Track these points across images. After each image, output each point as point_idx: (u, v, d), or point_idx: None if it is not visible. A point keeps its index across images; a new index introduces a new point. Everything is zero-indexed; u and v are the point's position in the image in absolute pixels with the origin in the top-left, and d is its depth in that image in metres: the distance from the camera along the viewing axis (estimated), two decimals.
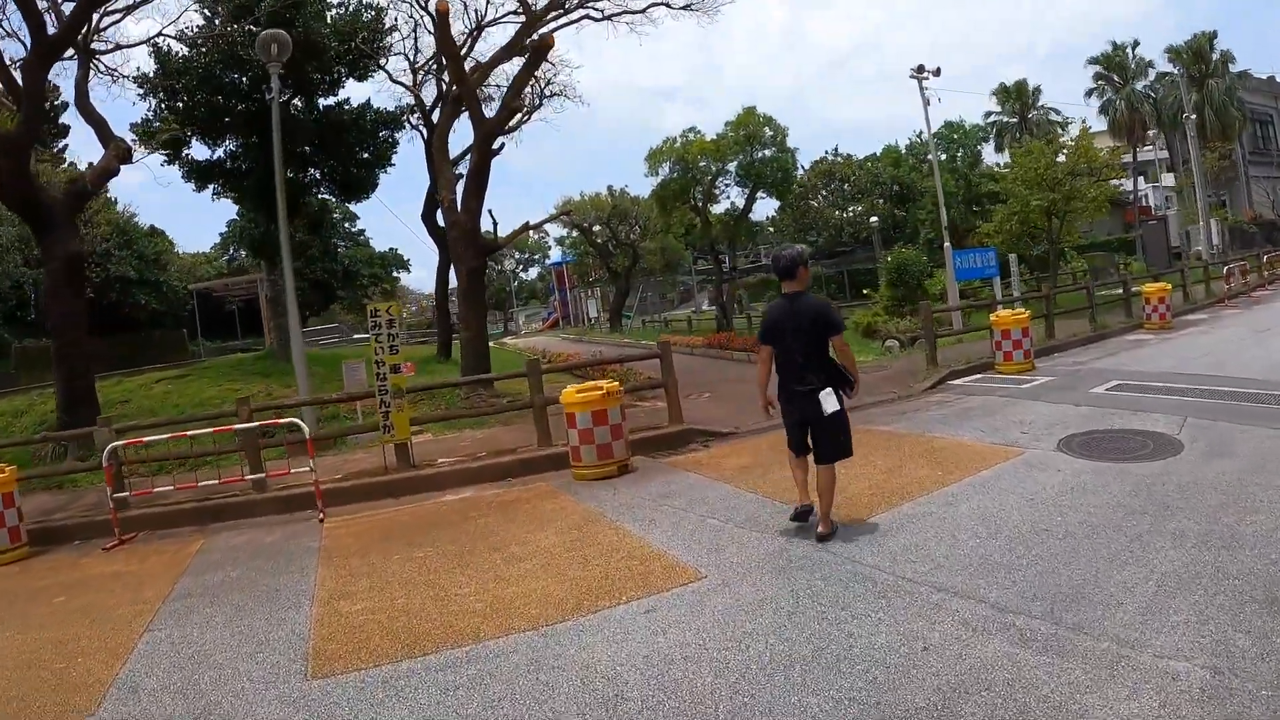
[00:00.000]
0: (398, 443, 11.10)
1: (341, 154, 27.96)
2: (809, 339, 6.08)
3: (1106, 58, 49.97)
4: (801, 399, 6.17)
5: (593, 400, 9.25)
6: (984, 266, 20.53)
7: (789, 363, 6.21)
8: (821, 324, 6.11)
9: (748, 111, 27.10)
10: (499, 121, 17.28)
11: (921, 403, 12.34)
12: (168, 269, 48.42)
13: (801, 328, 6.08)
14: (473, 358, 17.76)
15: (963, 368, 14.60)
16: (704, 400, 14.28)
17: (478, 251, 17.65)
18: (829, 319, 6.21)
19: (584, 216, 38.29)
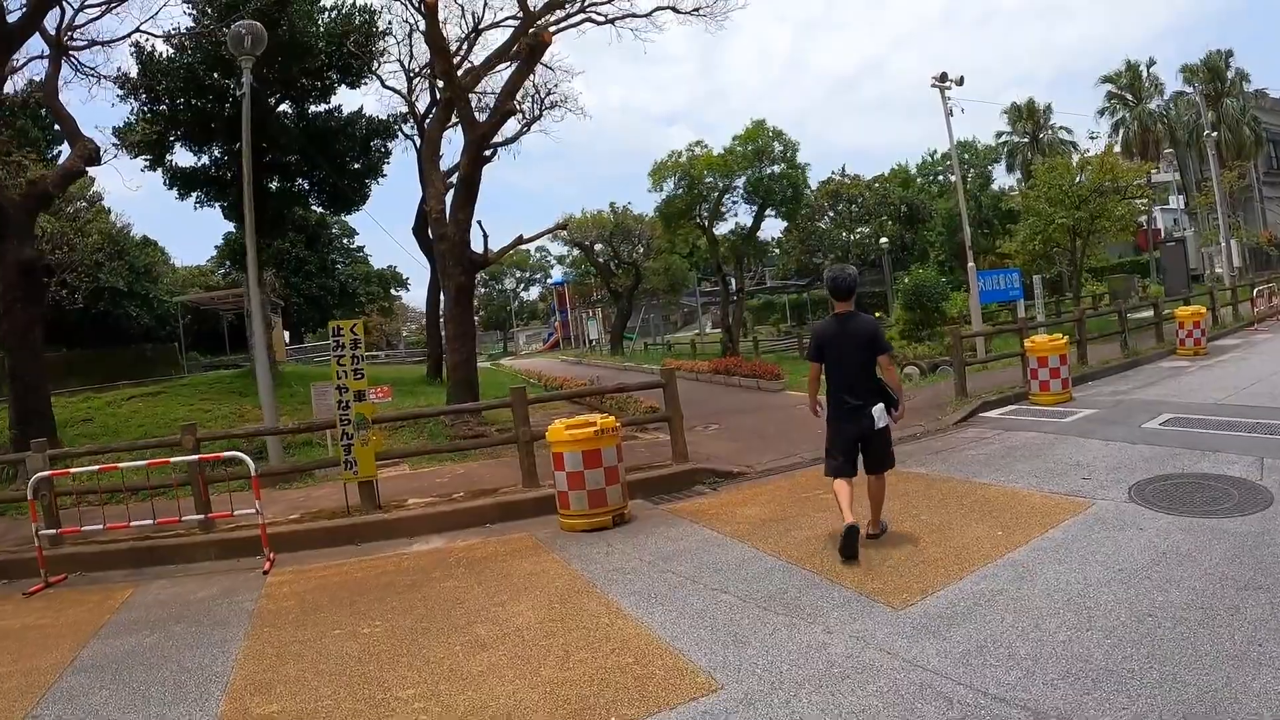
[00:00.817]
0: (362, 481, 9.76)
1: (331, 163, 26.87)
2: (862, 357, 6.29)
3: (1119, 76, 48.86)
4: (854, 413, 6.34)
5: (584, 439, 7.92)
6: (1007, 288, 19.25)
7: (841, 380, 6.38)
8: (874, 344, 6.32)
9: (756, 125, 25.93)
10: (491, 126, 16.06)
11: (955, 439, 11.02)
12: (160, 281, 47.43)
13: (857, 346, 6.29)
14: (460, 383, 16.45)
15: (994, 398, 13.29)
16: (711, 434, 12.94)
17: (466, 267, 16.38)
18: (881, 340, 6.40)
19: (585, 234, 37.07)
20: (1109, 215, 21.53)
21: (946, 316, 21.42)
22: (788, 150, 26.10)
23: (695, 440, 12.19)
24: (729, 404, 16.02)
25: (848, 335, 6.32)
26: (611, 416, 8.45)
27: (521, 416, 9.79)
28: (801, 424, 12.55)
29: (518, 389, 9.98)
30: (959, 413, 12.55)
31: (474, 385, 16.66)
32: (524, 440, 9.59)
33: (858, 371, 6.32)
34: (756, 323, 59.11)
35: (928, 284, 20.86)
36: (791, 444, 11.33)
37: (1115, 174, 21.87)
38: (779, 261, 62.33)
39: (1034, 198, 22.20)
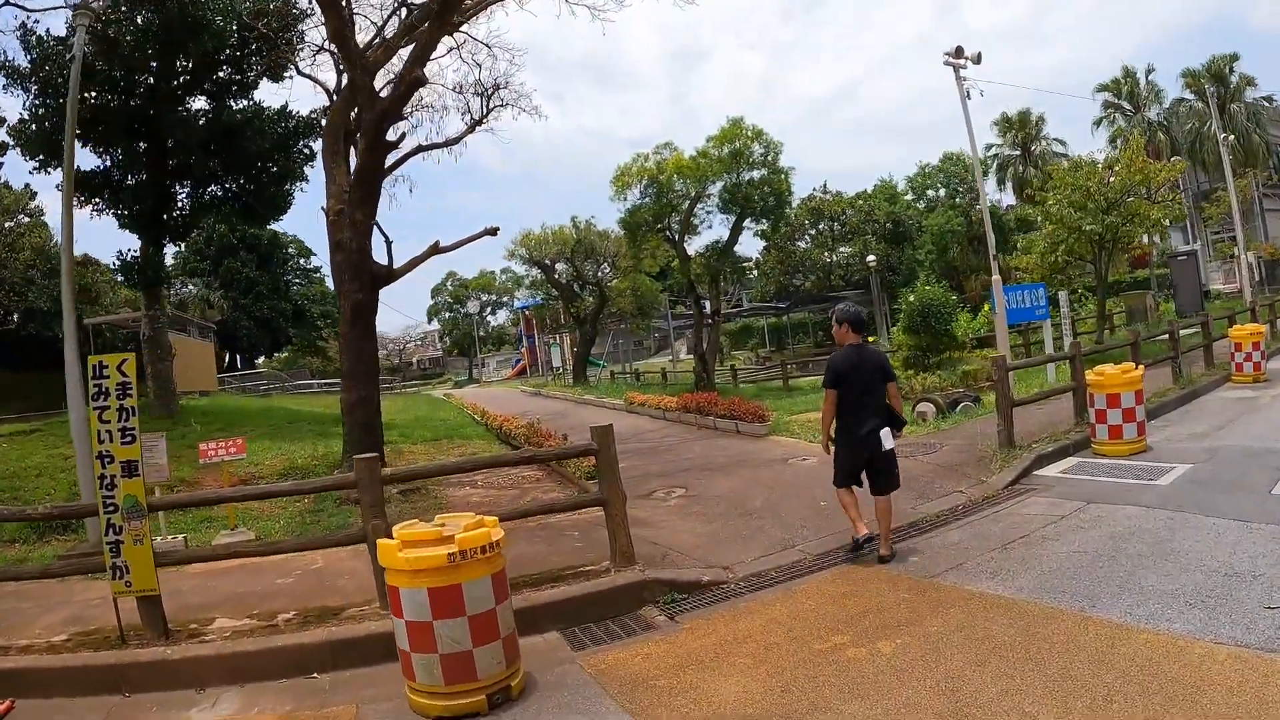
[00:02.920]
0: (138, 596, 6.44)
1: (244, 166, 23.47)
2: (875, 385, 6.94)
3: (1116, 84, 46.43)
4: (867, 437, 6.86)
5: (431, 566, 4.55)
6: (1033, 306, 16.16)
7: (854, 405, 6.93)
8: (884, 373, 7.09)
9: (734, 124, 22.83)
10: (394, 101, 12.81)
11: (1019, 515, 7.85)
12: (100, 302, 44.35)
13: (871, 375, 6.95)
14: (358, 429, 13.11)
15: (1050, 448, 10.08)
16: (674, 504, 9.59)
17: (366, 281, 13.12)
18: (889, 369, 7.23)
19: (544, 252, 33.75)
20: (1141, 220, 18.53)
21: (957, 340, 18.27)
22: (770, 152, 23.04)
23: (650, 516, 8.88)
24: (700, 456, 12.69)
25: (864, 365, 6.96)
26: (492, 519, 5.07)
27: (372, 500, 6.43)
28: (797, 489, 9.29)
29: (366, 460, 6.56)
30: (1009, 470, 9.37)
31: (375, 430, 13.33)
32: (374, 536, 6.18)
33: (872, 398, 6.91)
34: (734, 348, 55.99)
35: (935, 302, 17.72)
36: (786, 525, 8.05)
37: (1146, 174, 18.89)
38: (757, 283, 59.33)
39: (1054, 202, 19.15)
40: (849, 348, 7.08)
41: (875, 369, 7.00)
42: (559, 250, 33.43)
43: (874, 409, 6.91)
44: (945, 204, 49.03)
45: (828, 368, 7.31)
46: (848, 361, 7.00)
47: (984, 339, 22.31)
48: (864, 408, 6.90)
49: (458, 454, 16.26)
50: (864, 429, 6.86)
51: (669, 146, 23.58)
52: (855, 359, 6.98)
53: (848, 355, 7.05)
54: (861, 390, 6.90)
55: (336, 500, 12.15)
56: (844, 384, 6.94)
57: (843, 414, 7.03)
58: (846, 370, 6.95)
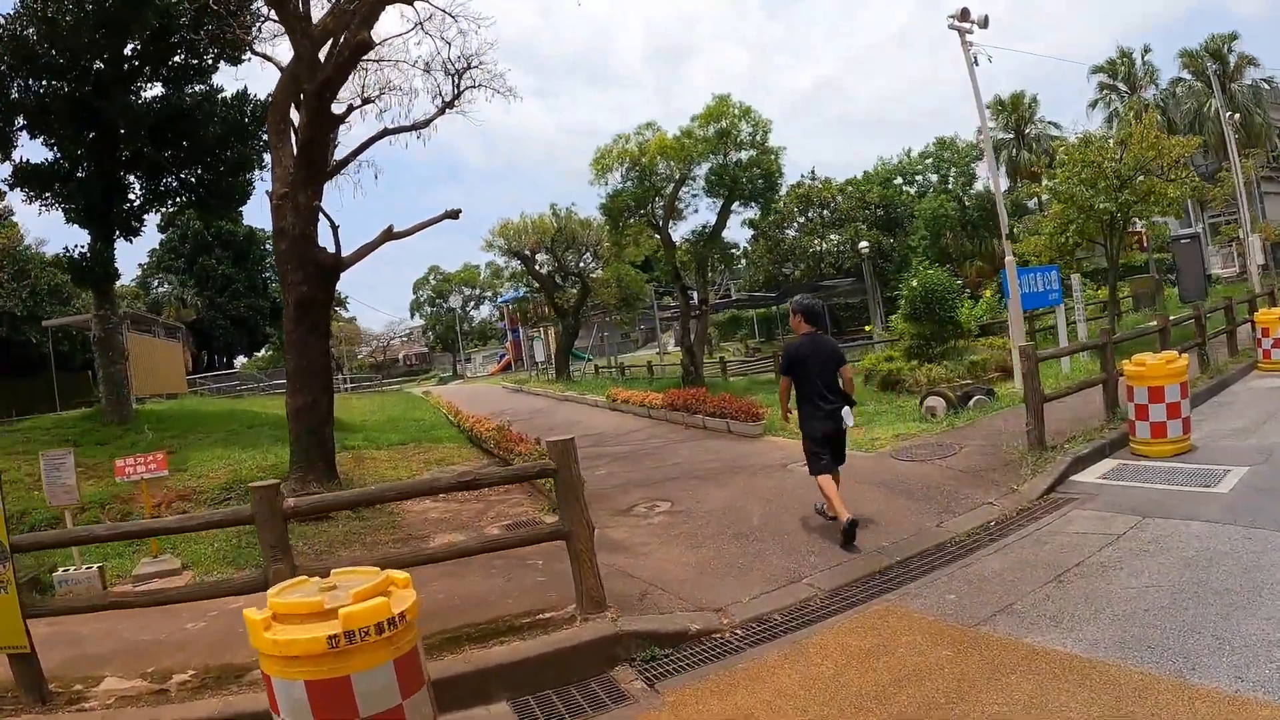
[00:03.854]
0: (7, 653, 5.24)
1: (197, 154, 22.07)
2: (831, 369, 7.46)
3: (1112, 65, 45.35)
4: (829, 416, 7.38)
5: (309, 653, 3.25)
6: (1046, 291, 15.03)
7: (813, 389, 7.46)
8: (838, 358, 7.60)
9: (720, 101, 21.52)
10: (339, 68, 11.48)
11: (1065, 535, 6.71)
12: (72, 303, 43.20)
13: (825, 362, 7.48)
14: (304, 437, 11.86)
15: (1085, 449, 8.90)
16: (657, 522, 8.34)
17: (311, 272, 11.84)
18: (842, 354, 7.74)
19: (522, 242, 32.34)
20: (1157, 198, 17.35)
21: (963, 328, 17.07)
22: (758, 131, 21.74)
23: (629, 538, 7.66)
24: (688, 461, 11.43)
25: (821, 354, 7.52)
26: (404, 576, 3.82)
27: (273, 538, 5.19)
28: (800, 502, 8.09)
29: (264, 490, 5.28)
30: (1043, 477, 8.19)
31: (325, 439, 12.05)
32: (275, 583, 4.89)
33: (828, 381, 7.45)
34: (722, 339, 54.75)
35: (939, 287, 16.51)
36: (790, 549, 6.84)
37: (1160, 149, 17.71)
38: (746, 273, 58.07)
39: (1063, 179, 17.97)
40: (804, 336, 7.66)
41: (829, 356, 7.54)
42: (538, 240, 32.06)
43: (832, 391, 7.44)
44: (938, 189, 47.83)
45: (783, 355, 8.05)
46: (803, 349, 7.56)
47: (985, 327, 21.10)
48: (822, 391, 7.43)
49: (423, 460, 15.04)
50: (826, 408, 7.39)
51: (651, 127, 22.28)
52: (810, 347, 7.53)
53: (803, 343, 7.63)
54: (818, 375, 7.43)
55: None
56: (800, 370, 7.51)
57: (804, 399, 7.57)
58: (802, 357, 7.52)
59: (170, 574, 8.29)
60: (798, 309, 7.81)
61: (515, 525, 9.19)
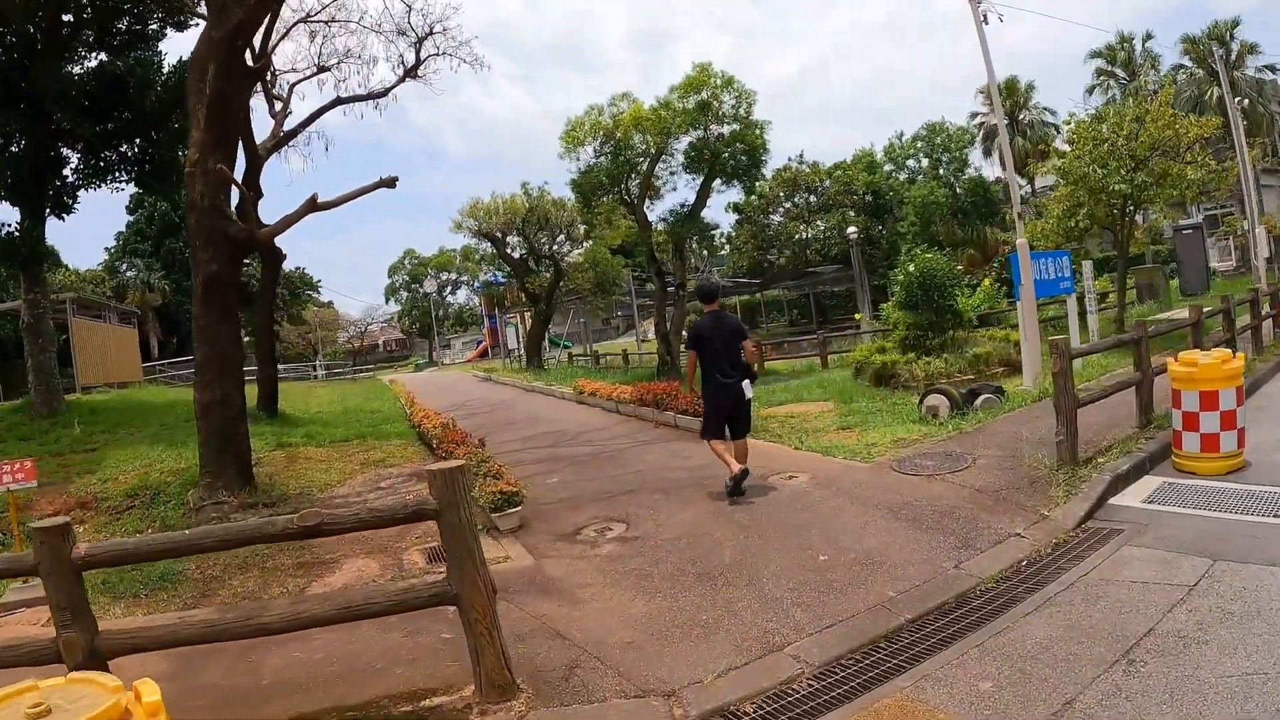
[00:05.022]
0: None
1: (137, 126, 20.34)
2: (732, 344, 8.11)
3: (1111, 50, 44.04)
4: (729, 388, 8.05)
5: None
6: (1058, 278, 13.57)
7: (716, 363, 8.11)
8: (739, 333, 8.29)
9: (701, 70, 19.88)
10: (254, 9, 9.80)
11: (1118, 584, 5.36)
12: None
13: (726, 337, 8.15)
14: (214, 439, 10.30)
15: (1124, 465, 7.44)
16: (605, 554, 6.79)
17: (221, 247, 10.23)
18: (743, 329, 8.49)
19: (492, 223, 30.62)
20: (1174, 181, 15.93)
21: (963, 318, 15.59)
22: (742, 103, 20.12)
23: (568, 576, 6.15)
24: (653, 468, 9.85)
25: (723, 329, 8.24)
26: (150, 685, 2.23)
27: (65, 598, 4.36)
28: (783, 530, 6.61)
29: (47, 531, 3.94)
30: (1078, 500, 6.76)
31: (238, 442, 10.50)
32: (67, 656, 3.32)
33: (730, 356, 8.10)
34: None
35: (938, 273, 15.01)
36: (769, 599, 5.35)
37: (1177, 128, 16.29)
38: (730, 259, 56.57)
39: (1074, 158, 16.51)
40: (708, 315, 8.44)
41: (731, 332, 8.22)
42: (508, 220, 30.38)
43: (733, 364, 8.07)
44: (928, 174, 46.41)
45: (690, 332, 9.01)
46: (706, 327, 8.30)
47: (983, 317, 19.71)
48: (724, 364, 8.05)
49: (361, 460, 13.49)
50: (727, 380, 8.03)
51: (626, 98, 20.61)
52: (711, 324, 8.26)
53: (706, 321, 8.39)
54: (721, 349, 8.08)
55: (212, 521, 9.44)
56: (704, 345, 8.18)
57: (707, 371, 8.18)
58: (705, 334, 8.22)
59: None
60: (698, 292, 8.88)
61: (438, 552, 7.68)
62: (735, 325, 8.45)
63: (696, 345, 8.30)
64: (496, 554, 7.18)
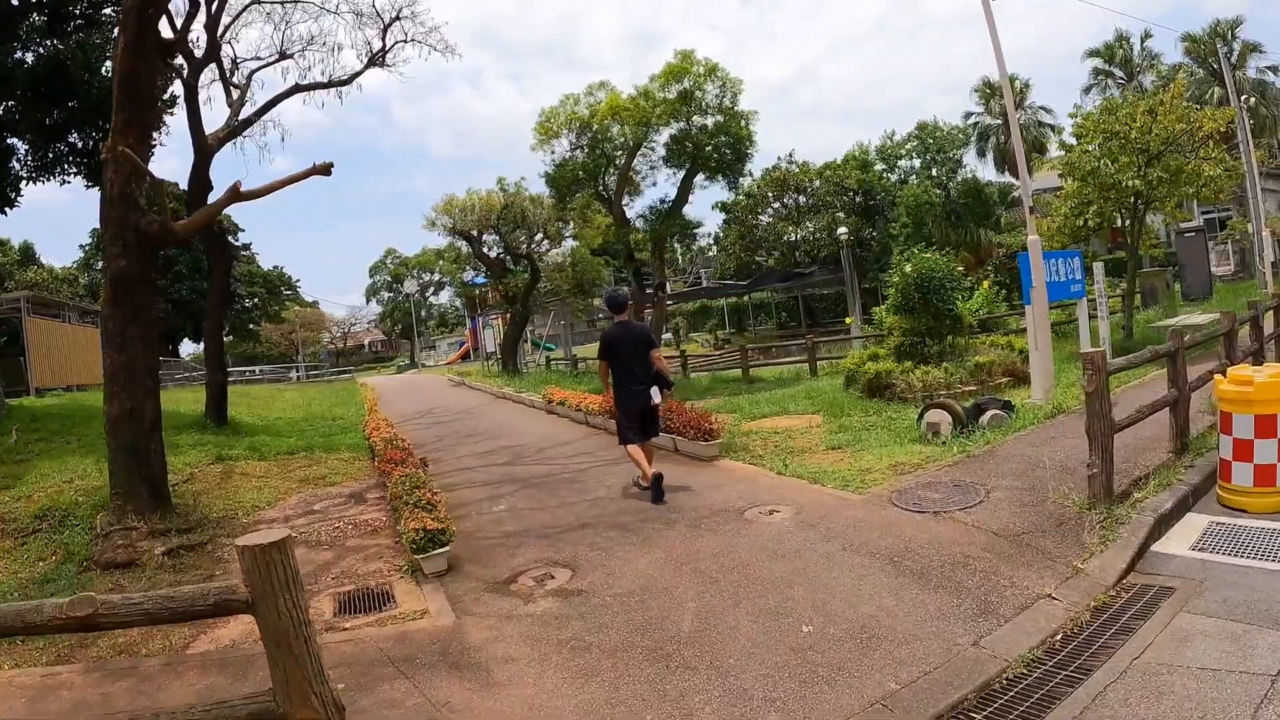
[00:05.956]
0: None
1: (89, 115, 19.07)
2: (640, 352, 8.40)
3: (1109, 49, 43.09)
4: (638, 395, 8.33)
5: None
6: (1069, 280, 12.43)
7: (626, 370, 8.41)
8: (647, 342, 8.64)
9: (683, 57, 18.70)
10: None
11: (1182, 675, 4.20)
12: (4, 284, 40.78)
13: (635, 344, 8.45)
14: (123, 454, 9.10)
15: (1167, 502, 6.30)
16: (539, 614, 5.57)
17: (131, 241, 9.00)
18: (652, 338, 8.93)
19: (467, 220, 29.29)
20: (1190, 177, 14.86)
21: (963, 324, 14.43)
22: (727, 92, 18.95)
23: (487, 643, 5.00)
24: (612, 496, 8.40)
25: (631, 338, 8.51)
26: None
27: None
28: (760, 585, 5.44)
29: None
30: (1117, 549, 5.63)
31: (150, 461, 9.25)
32: None
33: (639, 363, 8.36)
34: (691, 330, 52.06)
35: (937, 274, 13.86)
36: (734, 692, 4.18)
37: (1190, 122, 15.23)
38: (718, 260, 55.41)
39: (1082, 151, 15.42)
40: (616, 324, 8.61)
41: (639, 340, 8.52)
42: (483, 217, 29.07)
43: (641, 372, 8.33)
44: (921, 174, 45.34)
45: (600, 341, 9.02)
46: (614, 335, 8.49)
47: (981, 322, 18.61)
48: (633, 372, 8.33)
49: (300, 477, 12.26)
50: (637, 388, 8.31)
51: (604, 87, 19.40)
52: (620, 333, 8.47)
53: (615, 330, 8.54)
54: (630, 357, 8.33)
55: (80, 563, 8.26)
56: (614, 353, 8.42)
57: (618, 379, 8.46)
58: (613, 342, 8.45)
59: None
60: (606, 301, 9.16)
61: (351, 598, 6.48)
62: (643, 334, 8.80)
63: (607, 354, 8.58)
64: (414, 607, 6.00)
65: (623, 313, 8.74)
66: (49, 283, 51.68)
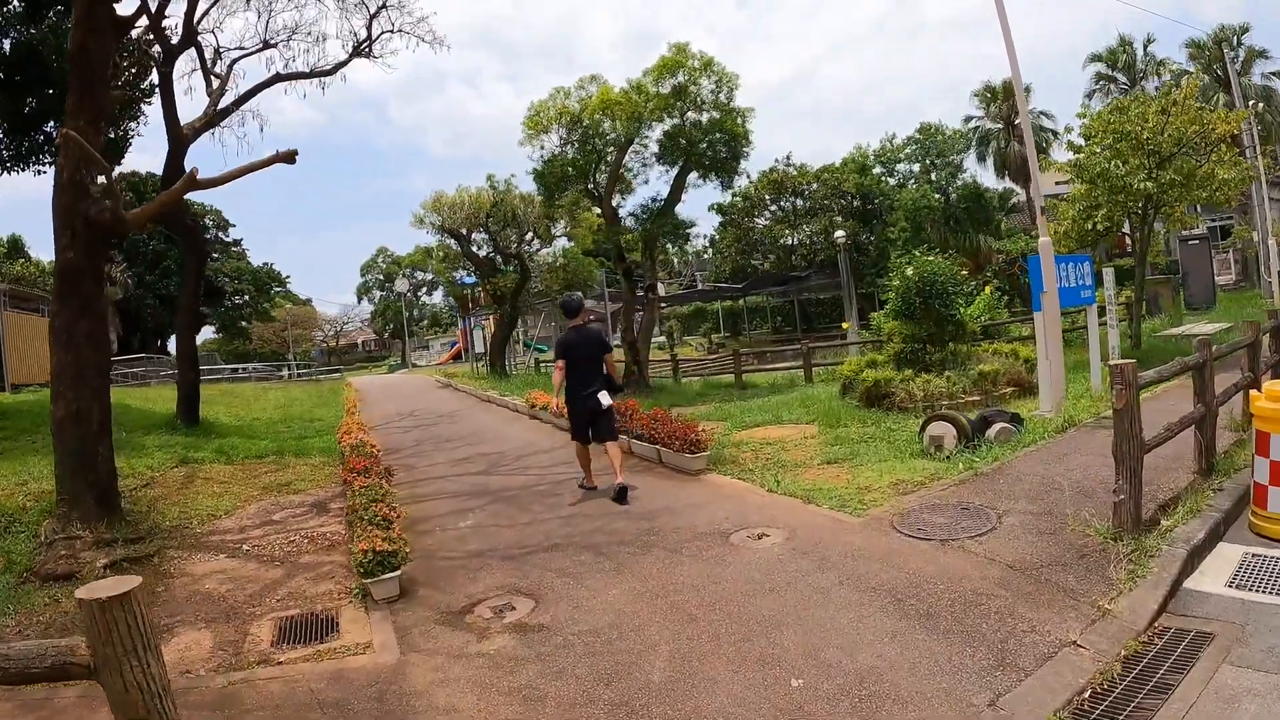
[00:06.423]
0: None
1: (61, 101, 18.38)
2: (593, 356, 8.76)
3: (1112, 54, 42.56)
4: (588, 398, 8.58)
5: None
6: (1078, 286, 11.83)
7: (579, 373, 8.65)
8: (601, 345, 9.02)
9: (678, 50, 18.07)
10: None
11: None
12: None
13: (588, 348, 8.76)
14: (70, 458, 8.51)
15: (1198, 531, 5.69)
16: (493, 651, 4.93)
17: (80, 233, 8.41)
18: (606, 343, 9.35)
19: (456, 218, 28.63)
20: (1203, 182, 14.31)
21: (966, 330, 13.80)
22: (723, 88, 18.31)
23: (429, 689, 4.37)
24: (589, 513, 7.78)
25: (585, 341, 8.78)
26: None
27: None
28: (742, 626, 4.83)
29: None
30: (1147, 586, 5.04)
31: (97, 465, 8.66)
32: None
33: (591, 367, 8.70)
34: (685, 333, 51.41)
35: (940, 277, 13.25)
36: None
37: (1203, 123, 14.66)
38: (713, 263, 54.79)
39: (1091, 152, 14.83)
40: (571, 328, 8.99)
41: (593, 344, 8.88)
42: (473, 215, 28.38)
43: (594, 375, 8.70)
44: (920, 179, 44.79)
45: (556, 344, 9.99)
46: (570, 339, 8.82)
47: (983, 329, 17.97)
48: (585, 375, 8.66)
49: (265, 483, 11.62)
50: (586, 391, 8.60)
51: (595, 80, 18.75)
52: (575, 337, 8.81)
53: (572, 333, 8.89)
54: (583, 361, 8.68)
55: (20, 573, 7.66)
56: (569, 358, 8.69)
57: (571, 382, 8.73)
58: (568, 346, 8.77)
59: None
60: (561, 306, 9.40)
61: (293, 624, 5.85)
62: (597, 338, 9.09)
63: (564, 357, 8.75)
64: (357, 639, 5.38)
65: (577, 318, 9.03)
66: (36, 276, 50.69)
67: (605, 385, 8.68)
